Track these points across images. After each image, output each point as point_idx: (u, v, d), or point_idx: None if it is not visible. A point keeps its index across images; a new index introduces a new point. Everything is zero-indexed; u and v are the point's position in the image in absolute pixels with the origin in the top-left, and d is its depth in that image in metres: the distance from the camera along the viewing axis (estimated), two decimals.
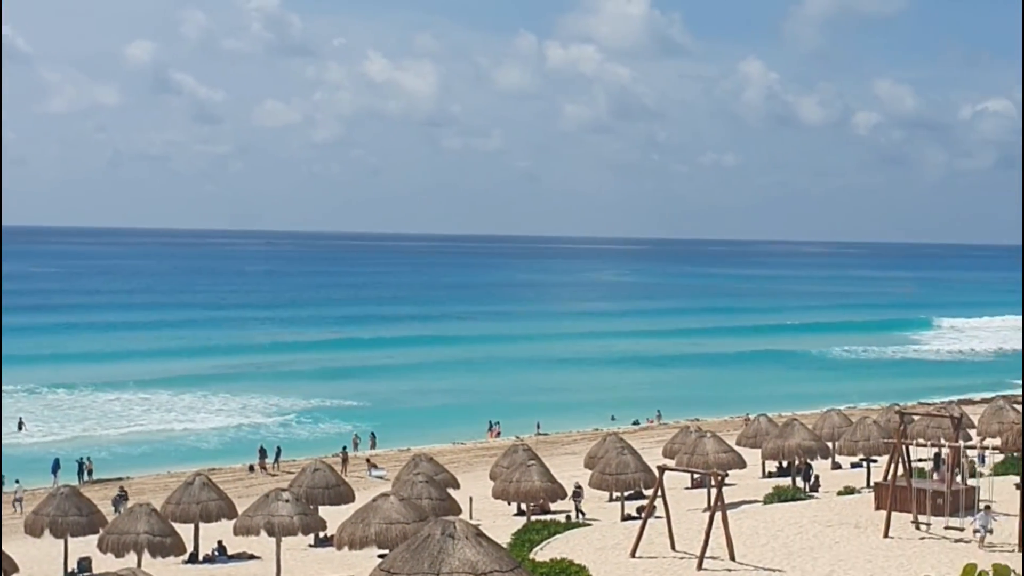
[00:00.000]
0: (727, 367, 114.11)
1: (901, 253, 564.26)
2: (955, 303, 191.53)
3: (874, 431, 54.10)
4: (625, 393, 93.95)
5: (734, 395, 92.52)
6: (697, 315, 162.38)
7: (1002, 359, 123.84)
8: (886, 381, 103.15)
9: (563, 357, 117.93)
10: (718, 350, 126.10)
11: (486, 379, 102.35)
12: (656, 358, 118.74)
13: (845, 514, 38.25)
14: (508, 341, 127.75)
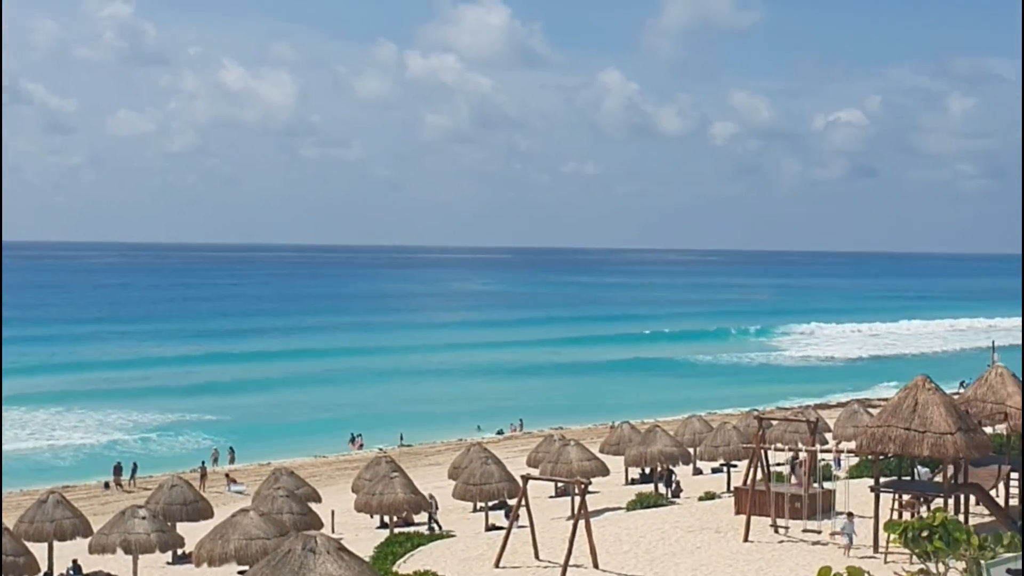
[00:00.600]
0: (590, 375, 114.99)
1: (759, 261, 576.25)
2: (811, 310, 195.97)
3: (734, 436, 54.96)
4: (489, 403, 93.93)
5: (598, 403, 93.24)
6: (560, 324, 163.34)
7: (857, 364, 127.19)
8: (746, 387, 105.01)
9: (427, 368, 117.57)
10: (581, 358, 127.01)
11: (348, 391, 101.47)
12: (520, 367, 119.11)
13: (706, 519, 38.66)
14: (370, 353, 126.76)
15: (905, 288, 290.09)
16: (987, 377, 39.07)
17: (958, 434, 32.07)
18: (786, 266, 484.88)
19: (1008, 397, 37.72)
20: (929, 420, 32.39)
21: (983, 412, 37.68)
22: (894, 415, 33.11)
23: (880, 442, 33.10)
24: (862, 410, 61.91)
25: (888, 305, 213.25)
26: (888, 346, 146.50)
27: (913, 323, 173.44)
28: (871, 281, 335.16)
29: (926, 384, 33.45)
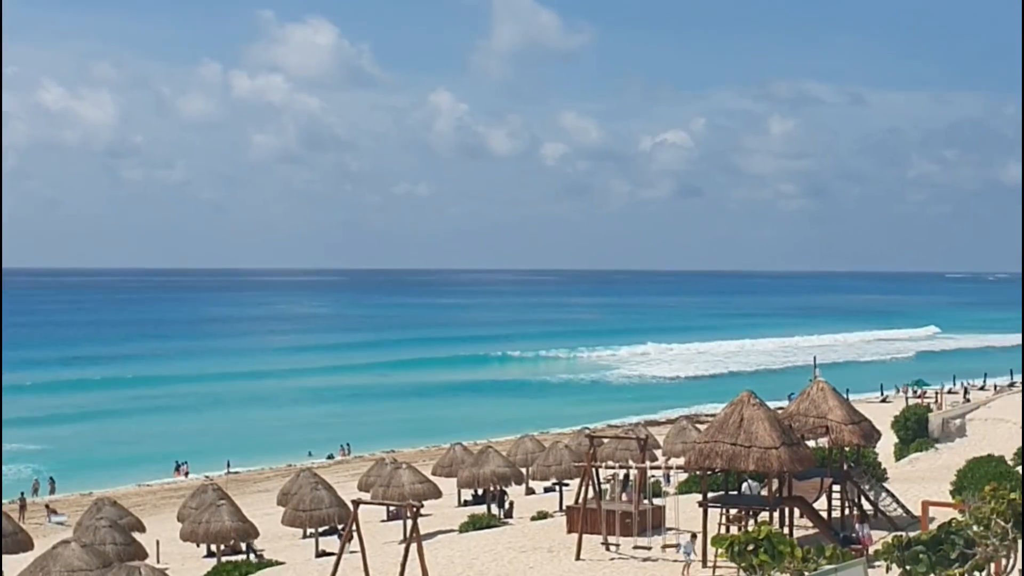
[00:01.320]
0: (423, 397, 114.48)
1: (590, 280, 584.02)
2: (642, 328, 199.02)
3: (566, 455, 55.24)
4: (320, 428, 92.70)
5: (430, 425, 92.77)
6: (392, 346, 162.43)
7: (686, 382, 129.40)
8: (577, 405, 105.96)
9: (255, 394, 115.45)
10: (414, 381, 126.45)
11: (173, 418, 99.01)
12: (352, 391, 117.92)
13: (539, 539, 38.63)
14: (196, 379, 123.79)
15: (732, 306, 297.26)
16: (809, 392, 40.01)
17: (782, 448, 32.72)
18: (616, 285, 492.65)
19: (829, 411, 38.68)
20: (754, 435, 32.97)
21: (806, 426, 38.55)
22: (721, 431, 33.62)
23: (708, 457, 33.56)
24: (691, 426, 62.92)
25: (716, 323, 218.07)
26: (717, 363, 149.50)
27: (740, 341, 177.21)
28: (699, 299, 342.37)
29: (751, 400, 34.07)
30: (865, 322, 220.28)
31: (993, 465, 34.28)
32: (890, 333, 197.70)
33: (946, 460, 52.04)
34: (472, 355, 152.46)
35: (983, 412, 63.56)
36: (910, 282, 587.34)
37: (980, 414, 63.08)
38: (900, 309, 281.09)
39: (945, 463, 50.19)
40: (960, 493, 29.87)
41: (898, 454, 58.49)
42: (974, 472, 32.91)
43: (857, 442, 38.92)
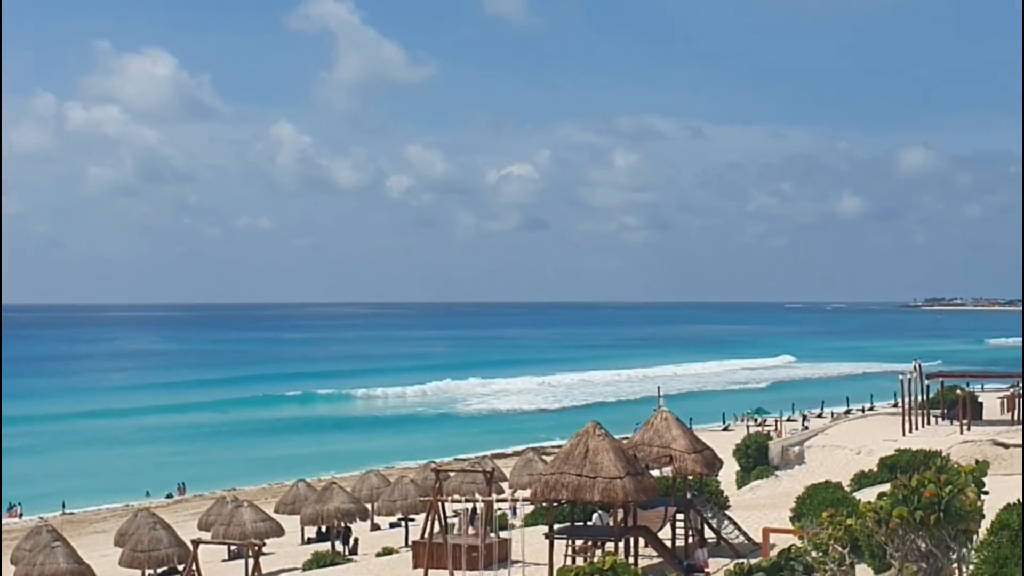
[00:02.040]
0: (265, 434, 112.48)
1: (438, 313, 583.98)
2: (489, 361, 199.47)
3: (411, 490, 54.87)
4: (160, 467, 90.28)
5: (272, 462, 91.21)
6: (235, 383, 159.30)
7: (532, 415, 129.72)
8: (424, 439, 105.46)
9: (92, 433, 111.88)
10: (256, 417, 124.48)
11: (5, 459, 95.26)
12: (192, 428, 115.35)
13: (384, 575, 38.20)
14: (31, 420, 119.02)
15: (579, 337, 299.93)
16: (653, 422, 40.42)
17: (627, 478, 32.94)
18: (464, 317, 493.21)
19: (673, 440, 39.11)
20: (599, 465, 33.13)
21: (650, 456, 38.92)
22: (566, 462, 33.70)
23: (553, 489, 33.59)
24: (537, 458, 63.10)
25: (563, 355, 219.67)
26: (564, 395, 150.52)
27: (588, 373, 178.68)
28: (546, 331, 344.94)
29: (596, 431, 34.24)
30: (715, 352, 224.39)
31: (830, 491, 35.00)
32: (746, 362, 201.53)
33: (786, 487, 53.13)
34: (316, 391, 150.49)
35: (821, 439, 65.09)
36: (752, 312, 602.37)
37: (818, 441, 64.59)
38: (748, 339, 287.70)
39: (785, 490, 51.22)
40: (799, 519, 30.45)
41: (739, 482, 59.52)
42: (812, 498, 33.57)
43: (700, 471, 39.44)
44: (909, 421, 61.82)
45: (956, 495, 14.62)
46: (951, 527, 14.72)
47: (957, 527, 14.83)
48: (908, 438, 57.81)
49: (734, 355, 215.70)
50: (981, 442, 53.65)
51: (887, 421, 67.50)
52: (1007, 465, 50.09)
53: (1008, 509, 21.24)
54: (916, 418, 62.70)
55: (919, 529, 14.62)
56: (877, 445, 56.30)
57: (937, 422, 63.40)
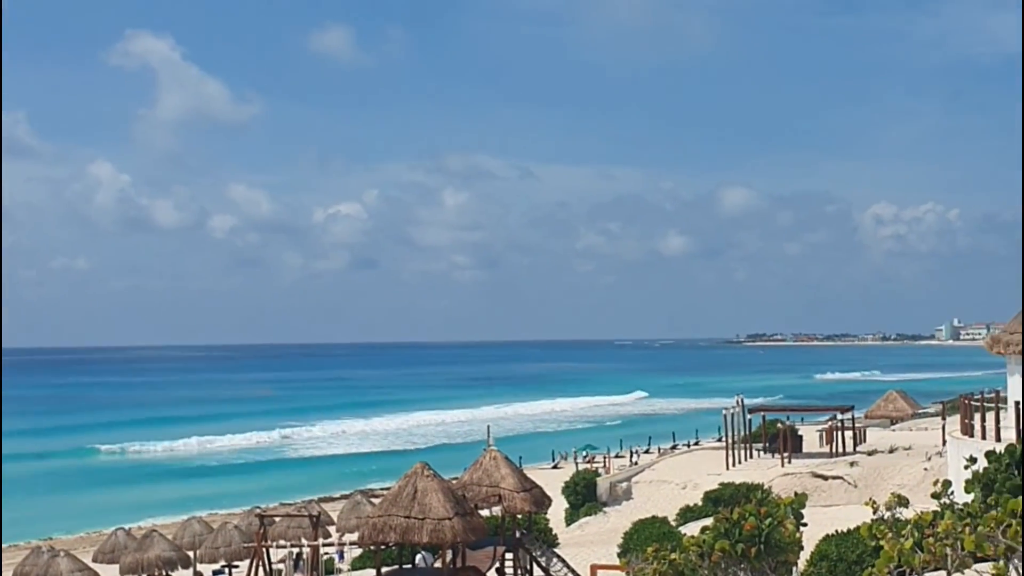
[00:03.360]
0: (79, 481, 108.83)
1: (264, 355, 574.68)
2: (316, 403, 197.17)
3: (235, 536, 53.62)
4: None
5: (89, 510, 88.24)
6: (46, 431, 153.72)
7: (361, 457, 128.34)
8: (248, 484, 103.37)
9: None
10: (72, 464, 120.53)
11: None
12: (5, 476, 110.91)
13: None
14: None
15: (411, 378, 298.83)
16: (482, 461, 40.43)
17: (456, 518, 32.80)
18: (292, 359, 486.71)
19: (502, 479, 39.17)
20: (428, 507, 32.92)
21: (479, 495, 38.88)
22: (394, 504, 33.40)
23: (381, 532, 33.24)
24: (365, 501, 62.42)
25: (394, 396, 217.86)
26: (395, 437, 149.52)
27: (419, 414, 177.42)
28: (377, 372, 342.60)
29: (424, 471, 34.05)
30: (547, 391, 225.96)
31: (656, 526, 35.56)
32: (597, 400, 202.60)
33: (614, 523, 53.71)
34: (137, 436, 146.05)
35: (648, 475, 66.10)
36: (583, 349, 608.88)
37: (645, 476, 65.58)
38: (582, 376, 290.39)
39: (613, 526, 51.78)
40: (625, 555, 30.76)
41: (568, 519, 59.95)
42: (639, 534, 34.03)
43: (529, 509, 39.57)
44: (732, 455, 63.23)
45: (775, 527, 14.90)
46: (771, 559, 14.99)
47: (777, 558, 15.10)
48: (732, 471, 59.10)
49: (571, 393, 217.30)
50: (801, 474, 55.17)
51: (712, 455, 68.97)
52: (826, 496, 51.62)
53: (827, 540, 21.82)
54: (739, 452, 64.18)
55: (740, 561, 14.84)
56: (702, 479, 57.42)
57: (759, 455, 65.00)
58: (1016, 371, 36.82)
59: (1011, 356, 36.96)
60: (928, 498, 15.41)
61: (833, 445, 65.70)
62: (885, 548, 9.14)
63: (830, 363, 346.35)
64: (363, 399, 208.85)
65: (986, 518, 9.03)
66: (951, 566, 9.66)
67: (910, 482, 47.50)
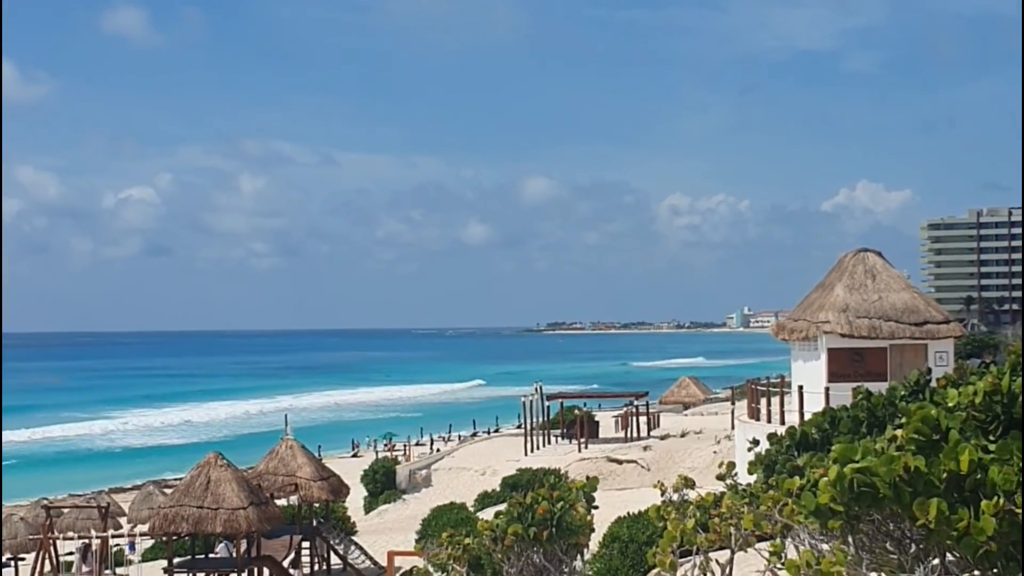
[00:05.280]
0: None
1: (53, 343, 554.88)
2: (107, 394, 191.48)
3: (21, 528, 51.79)
4: None
5: None
6: None
7: (154, 449, 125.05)
8: (33, 477, 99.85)
9: None
10: None
11: None
12: None
13: None
14: None
15: (204, 367, 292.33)
16: (278, 450, 40.05)
17: (250, 508, 32.43)
18: (79, 347, 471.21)
19: (298, 468, 38.88)
20: (222, 497, 32.46)
21: (275, 484, 38.52)
22: (187, 494, 32.84)
23: (173, 522, 32.64)
24: (157, 491, 61.04)
25: (186, 386, 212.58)
26: (189, 429, 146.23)
27: (213, 403, 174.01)
28: (170, 361, 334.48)
29: (218, 461, 33.56)
30: (346, 379, 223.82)
31: (455, 512, 35.79)
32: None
33: (413, 510, 53.82)
34: None
35: (447, 462, 66.44)
36: (383, 338, 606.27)
37: (444, 464, 65.89)
38: (379, 365, 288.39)
39: (412, 513, 51.88)
40: (422, 541, 30.90)
41: (367, 507, 59.81)
42: (437, 520, 34.20)
43: (326, 497, 39.39)
44: (531, 441, 64.06)
45: (567, 511, 15.17)
46: (563, 541, 15.25)
47: (568, 541, 15.38)
48: (530, 457, 59.90)
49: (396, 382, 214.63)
50: (597, 459, 56.27)
51: (511, 442, 69.69)
52: (620, 480, 52.80)
53: (618, 522, 22.35)
54: (538, 438, 65.06)
55: (533, 545, 15.06)
56: (501, 465, 58.02)
57: (557, 441, 66.02)
58: (799, 356, 38.38)
59: (795, 342, 38.48)
60: (716, 480, 15.96)
61: (628, 430, 67.21)
62: (669, 528, 9.42)
63: (630, 351, 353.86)
64: (156, 389, 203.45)
65: (764, 497, 9.40)
66: (734, 544, 10.01)
67: (700, 465, 48.97)
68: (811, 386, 35.10)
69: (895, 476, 6.46)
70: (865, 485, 6.53)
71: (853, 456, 6.69)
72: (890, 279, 38.09)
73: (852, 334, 36.17)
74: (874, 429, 15.75)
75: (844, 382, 32.89)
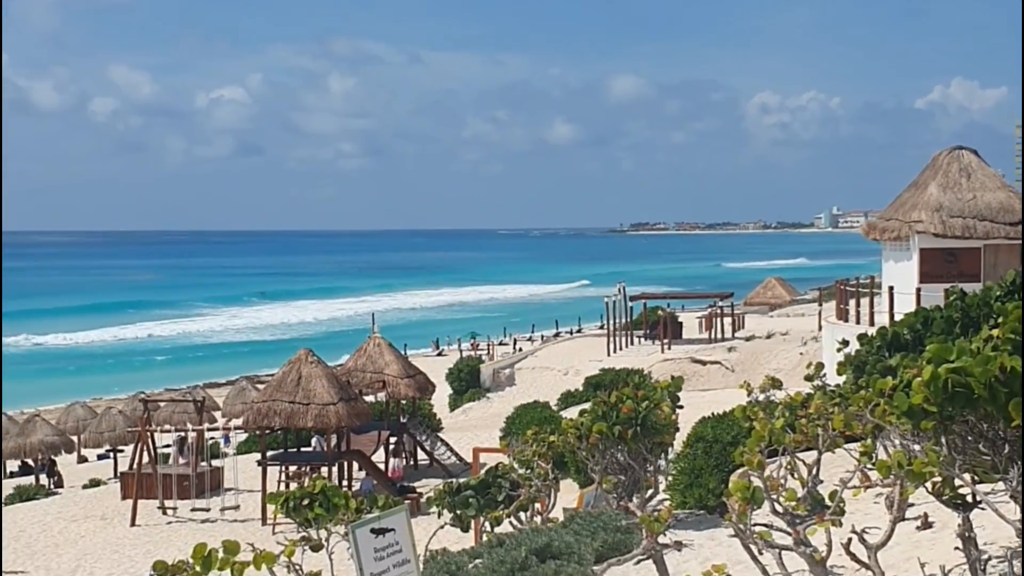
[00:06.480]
0: None
1: (147, 240, 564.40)
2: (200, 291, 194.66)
3: (120, 421, 53.36)
4: None
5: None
6: None
7: (248, 344, 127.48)
8: (134, 370, 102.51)
9: None
10: None
11: None
12: None
13: (91, 507, 37.13)
14: None
15: (295, 265, 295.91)
16: (366, 348, 40.60)
17: (340, 404, 33.03)
18: (175, 246, 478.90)
19: (386, 366, 39.42)
20: (312, 392, 33.08)
21: (363, 381, 39.12)
22: (279, 389, 33.51)
23: (266, 416, 33.38)
24: (250, 386, 62.42)
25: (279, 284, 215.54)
26: (280, 325, 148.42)
27: (304, 301, 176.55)
28: (262, 259, 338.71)
29: (309, 358, 34.13)
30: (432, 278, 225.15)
31: (538, 411, 36.06)
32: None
33: (497, 408, 54.39)
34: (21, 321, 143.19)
35: (530, 361, 66.90)
36: (467, 238, 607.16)
37: (528, 363, 66.35)
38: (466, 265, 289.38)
39: (496, 411, 52.44)
40: (507, 438, 31.25)
41: (452, 405, 60.55)
42: (521, 418, 34.49)
43: (413, 395, 39.96)
44: (614, 341, 64.21)
45: (652, 410, 15.23)
46: (647, 440, 15.35)
47: (653, 440, 15.47)
48: (613, 358, 60.07)
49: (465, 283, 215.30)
50: (680, 360, 56.27)
51: (594, 342, 69.91)
52: (704, 381, 52.85)
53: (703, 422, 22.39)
54: (620, 339, 65.18)
55: (618, 443, 15.18)
56: (583, 365, 58.24)
57: (640, 342, 66.09)
58: (891, 256, 37.86)
59: (886, 242, 37.93)
60: (802, 382, 15.91)
61: (712, 331, 67.06)
62: (757, 428, 9.42)
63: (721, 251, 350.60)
64: (247, 288, 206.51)
65: (855, 398, 9.34)
66: (821, 445, 10.00)
67: (786, 366, 48.77)
68: (902, 287, 34.65)
69: (990, 376, 6.39)
70: (959, 385, 6.47)
71: (948, 356, 6.62)
72: (985, 178, 37.27)
73: (945, 234, 35.56)
74: (968, 330, 15.56)
75: (936, 283, 32.41)
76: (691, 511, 19.03)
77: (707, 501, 19.93)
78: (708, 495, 20.03)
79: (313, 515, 16.41)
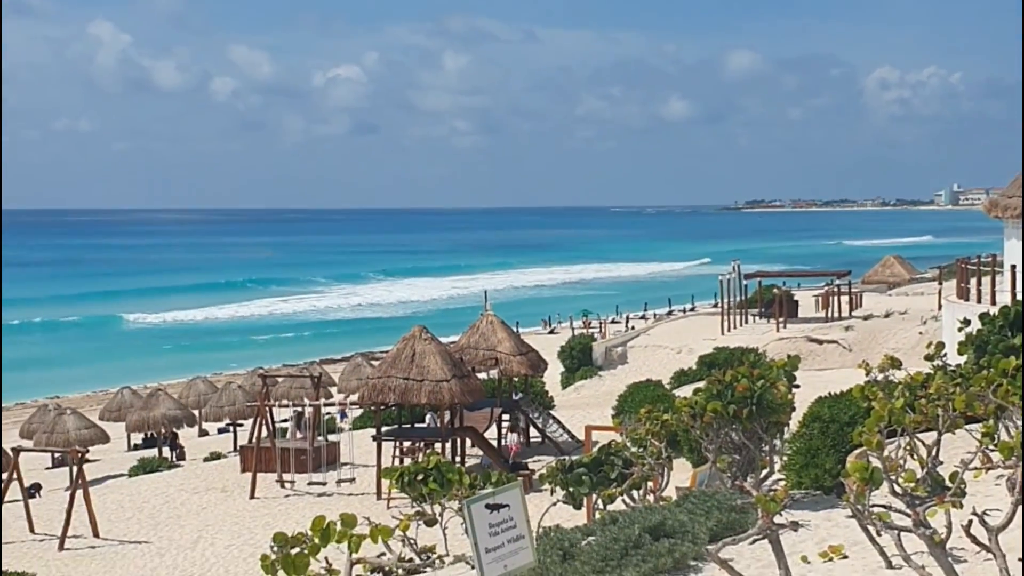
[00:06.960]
0: (88, 341, 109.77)
1: (264, 219, 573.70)
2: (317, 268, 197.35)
3: (239, 396, 54.47)
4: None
5: (97, 369, 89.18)
6: (54, 289, 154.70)
7: (362, 320, 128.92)
8: (252, 346, 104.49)
9: None
10: (78, 323, 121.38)
11: None
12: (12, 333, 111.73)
13: (212, 479, 37.99)
14: None
15: (409, 243, 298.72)
16: (479, 325, 40.81)
17: (453, 380, 33.29)
18: (291, 223, 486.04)
19: (498, 343, 39.59)
20: (426, 369, 33.38)
21: (476, 358, 39.34)
22: (393, 366, 33.87)
23: (381, 392, 33.78)
24: (365, 363, 63.11)
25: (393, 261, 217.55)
26: (394, 302, 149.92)
27: (417, 279, 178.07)
28: (375, 237, 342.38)
29: (423, 334, 34.43)
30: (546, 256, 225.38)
31: (651, 389, 35.88)
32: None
33: (609, 386, 54.28)
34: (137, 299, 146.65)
35: (643, 340, 66.57)
36: (580, 216, 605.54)
37: (640, 341, 66.03)
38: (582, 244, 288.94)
39: (608, 389, 52.34)
40: (619, 416, 31.19)
41: (564, 382, 60.54)
42: (634, 396, 34.33)
43: (525, 372, 40.07)
44: (728, 320, 63.61)
45: (768, 389, 15.11)
46: (763, 420, 15.24)
47: (769, 419, 15.36)
48: (726, 336, 59.49)
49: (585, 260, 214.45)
50: (796, 339, 55.53)
51: (707, 321, 69.31)
52: (820, 360, 52.10)
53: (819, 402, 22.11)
54: (735, 317, 64.55)
55: (732, 422, 15.09)
56: (697, 344, 57.79)
57: (755, 320, 65.38)
58: (1013, 235, 36.89)
59: (1009, 220, 36.97)
60: (922, 361, 15.61)
61: (829, 310, 66.01)
62: (876, 408, 9.30)
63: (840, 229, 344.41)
64: (361, 266, 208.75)
65: (977, 378, 9.17)
66: (942, 426, 9.83)
67: (904, 346, 47.85)
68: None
69: None
70: None
71: None
72: None
73: None
74: None
75: None
76: (807, 491, 18.83)
77: (823, 481, 19.68)
78: (824, 475, 19.78)
79: (427, 490, 16.64)
